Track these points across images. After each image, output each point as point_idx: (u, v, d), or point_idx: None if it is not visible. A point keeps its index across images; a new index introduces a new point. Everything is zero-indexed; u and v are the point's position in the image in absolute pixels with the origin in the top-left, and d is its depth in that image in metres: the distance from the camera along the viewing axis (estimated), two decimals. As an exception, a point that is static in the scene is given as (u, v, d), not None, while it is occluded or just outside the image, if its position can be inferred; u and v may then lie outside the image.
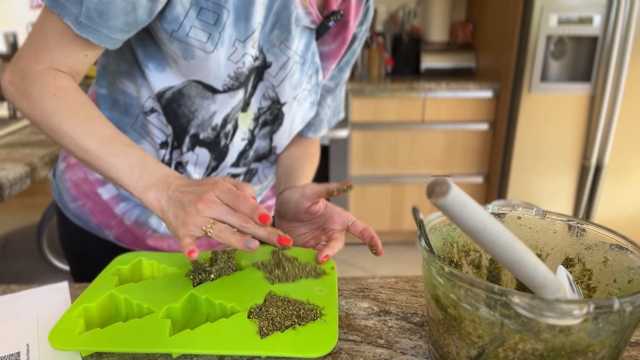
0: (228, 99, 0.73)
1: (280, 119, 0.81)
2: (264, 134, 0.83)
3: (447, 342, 0.44)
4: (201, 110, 0.74)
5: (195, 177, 0.80)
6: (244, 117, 0.78)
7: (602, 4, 2.22)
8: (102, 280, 0.60)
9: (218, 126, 0.76)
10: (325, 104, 0.92)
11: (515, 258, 0.38)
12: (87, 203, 0.85)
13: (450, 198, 0.35)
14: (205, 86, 0.71)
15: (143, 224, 0.84)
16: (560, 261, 0.51)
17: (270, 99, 0.78)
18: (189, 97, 0.73)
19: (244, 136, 0.80)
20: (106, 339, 0.49)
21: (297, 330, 0.50)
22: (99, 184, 0.83)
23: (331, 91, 0.91)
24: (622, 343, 0.39)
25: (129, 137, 0.78)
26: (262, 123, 0.81)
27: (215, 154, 0.79)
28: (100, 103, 0.78)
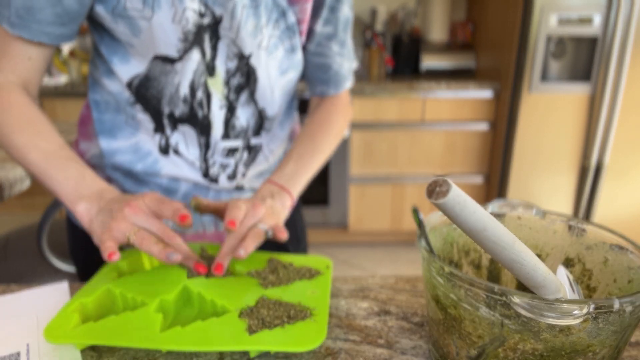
0: (186, 64, 0.72)
1: (253, 74, 0.77)
2: (246, 100, 0.80)
3: (447, 342, 0.44)
4: (167, 86, 0.74)
5: (192, 159, 0.80)
6: (214, 82, 0.76)
7: (602, 4, 2.22)
8: (101, 276, 0.62)
9: (188, 97, 0.75)
10: (331, 53, 0.86)
11: (515, 258, 0.38)
12: None
13: (450, 198, 0.35)
14: (163, 59, 0.71)
15: None
16: (560, 261, 0.51)
17: (236, 56, 0.75)
18: (154, 79, 0.73)
19: (221, 104, 0.78)
20: (99, 332, 0.50)
21: (286, 329, 0.50)
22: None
23: (332, 37, 0.84)
24: (622, 343, 0.39)
25: (126, 132, 0.79)
26: (237, 87, 0.78)
27: (199, 128, 0.78)
28: (94, 108, 0.80)
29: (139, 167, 0.80)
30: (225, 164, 0.83)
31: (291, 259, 0.66)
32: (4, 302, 0.61)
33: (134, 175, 0.82)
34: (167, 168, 0.80)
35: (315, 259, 0.66)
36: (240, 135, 0.82)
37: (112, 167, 0.82)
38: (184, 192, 0.83)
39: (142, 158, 0.80)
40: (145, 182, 0.82)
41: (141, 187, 0.82)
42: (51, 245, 1.31)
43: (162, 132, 0.79)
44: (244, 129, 0.82)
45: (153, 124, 0.78)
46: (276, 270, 0.62)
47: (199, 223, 0.86)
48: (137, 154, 0.80)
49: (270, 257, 0.65)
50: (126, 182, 0.83)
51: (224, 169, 0.83)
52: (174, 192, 0.83)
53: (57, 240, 1.53)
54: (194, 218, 0.85)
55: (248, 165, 0.86)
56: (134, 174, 0.81)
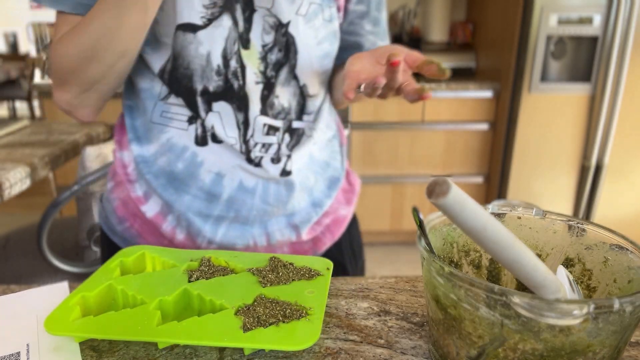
0: (215, 31, 0.69)
1: (293, 46, 0.73)
2: (286, 77, 0.75)
3: (447, 342, 0.44)
4: (194, 60, 0.71)
5: (231, 142, 0.75)
6: (248, 55, 0.72)
7: (602, 4, 2.22)
8: (104, 272, 0.62)
9: (221, 67, 0.71)
10: (363, 31, 0.84)
11: (516, 258, 0.38)
12: (134, 224, 0.82)
13: (450, 198, 0.35)
14: (185, 29, 0.69)
15: (196, 235, 0.80)
16: (560, 261, 0.51)
17: (273, 27, 0.71)
18: (179, 55, 0.71)
19: (257, 79, 0.73)
20: (98, 326, 0.51)
21: (280, 327, 0.50)
22: (141, 202, 0.81)
23: (365, 15, 0.83)
24: (622, 343, 0.39)
25: (155, 131, 0.77)
26: (276, 63, 0.74)
27: (235, 102, 0.74)
28: (127, 114, 0.80)
29: (180, 167, 0.77)
30: (267, 145, 0.77)
31: (292, 259, 0.66)
32: (4, 302, 0.61)
33: (176, 178, 0.78)
34: (208, 160, 0.76)
35: (316, 259, 0.66)
36: (280, 115, 0.77)
37: (154, 175, 0.79)
38: (228, 197, 0.78)
39: (179, 155, 0.76)
40: (186, 185, 0.78)
41: (182, 195, 0.78)
42: (51, 245, 1.31)
43: (196, 119, 0.74)
44: (286, 109, 0.77)
45: (186, 112, 0.75)
46: (276, 269, 0.63)
47: (249, 236, 0.81)
48: (173, 152, 0.76)
49: (272, 256, 0.66)
50: (167, 191, 0.79)
51: (266, 150, 0.77)
52: (217, 196, 0.78)
53: (57, 240, 1.53)
54: (243, 230, 0.81)
55: (292, 148, 0.80)
56: (176, 175, 0.77)
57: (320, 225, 0.88)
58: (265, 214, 0.80)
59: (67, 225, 1.64)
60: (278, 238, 0.83)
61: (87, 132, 1.72)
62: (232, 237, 0.80)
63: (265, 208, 0.80)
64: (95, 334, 0.50)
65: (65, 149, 1.53)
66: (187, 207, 0.78)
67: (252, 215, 0.80)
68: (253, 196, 0.78)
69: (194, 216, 0.79)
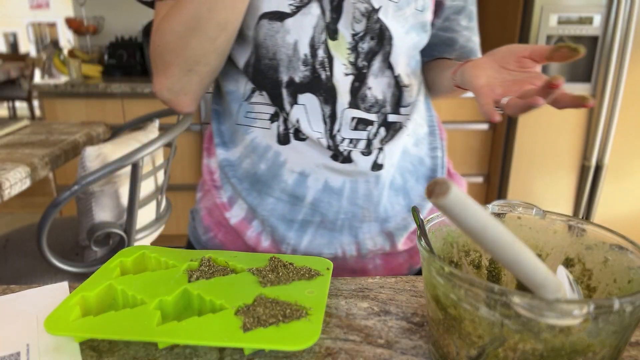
0: (303, 19, 0.67)
1: (387, 32, 0.70)
2: (379, 67, 0.71)
3: (447, 342, 0.44)
4: (281, 49, 0.68)
5: (317, 136, 0.71)
6: (336, 46, 0.69)
7: (602, 4, 2.22)
8: (104, 272, 0.62)
9: (309, 57, 0.68)
10: (459, 27, 0.80)
11: (516, 258, 0.38)
12: (218, 234, 0.81)
13: (450, 198, 0.35)
14: (271, 18, 0.67)
15: (280, 242, 0.77)
16: (560, 261, 0.51)
17: (364, 14, 0.68)
18: (261, 45, 0.69)
19: (346, 70, 0.70)
20: (98, 326, 0.51)
21: (280, 327, 0.51)
22: (225, 208, 0.80)
23: (462, 10, 0.80)
24: (622, 343, 0.39)
25: (239, 133, 0.76)
26: (368, 52, 0.70)
27: (323, 94, 0.70)
28: (214, 119, 0.80)
29: (263, 168, 0.75)
30: (357, 139, 0.72)
31: (292, 259, 0.66)
32: (4, 302, 0.61)
33: (260, 181, 0.76)
34: (291, 158, 0.73)
35: (316, 260, 0.67)
36: (373, 108, 0.72)
37: (239, 179, 0.78)
38: (312, 199, 0.74)
39: (262, 155, 0.74)
40: (269, 187, 0.76)
41: (265, 198, 0.76)
42: (51, 245, 1.31)
43: (278, 116, 0.72)
44: (380, 102, 0.73)
45: (269, 110, 0.73)
46: (276, 269, 0.63)
47: (337, 244, 0.77)
48: (256, 152, 0.75)
49: (272, 256, 0.66)
50: (251, 194, 0.77)
51: (354, 145, 0.72)
52: (301, 199, 0.75)
53: (57, 240, 1.53)
54: (331, 237, 0.77)
55: (385, 142, 0.75)
56: (259, 177, 0.76)
57: None
58: (355, 218, 0.76)
59: (67, 225, 1.64)
60: (370, 247, 0.78)
61: (87, 132, 1.72)
62: (318, 245, 0.76)
63: (354, 210, 0.75)
64: (95, 334, 0.50)
65: (65, 149, 1.53)
66: (271, 212, 0.76)
67: (339, 219, 0.75)
68: (340, 197, 0.74)
69: (278, 221, 0.76)
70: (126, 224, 1.41)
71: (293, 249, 0.77)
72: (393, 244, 0.79)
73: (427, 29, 0.76)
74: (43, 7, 6.99)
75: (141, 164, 1.34)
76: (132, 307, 0.56)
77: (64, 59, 2.87)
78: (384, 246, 0.79)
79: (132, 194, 1.37)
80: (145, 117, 1.80)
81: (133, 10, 3.32)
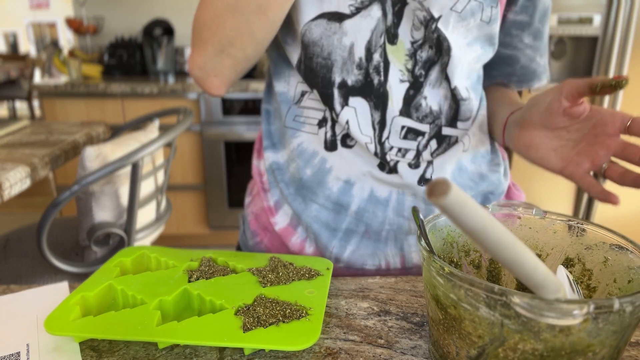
0: (362, 22, 0.65)
1: (445, 42, 0.66)
2: (437, 78, 0.69)
3: (447, 342, 0.44)
4: (336, 50, 0.67)
5: (365, 141, 0.69)
6: (394, 51, 0.67)
7: (602, 4, 2.22)
8: (104, 272, 0.63)
9: (363, 60, 0.66)
10: (522, 45, 0.75)
11: (515, 258, 0.38)
12: (264, 239, 0.81)
13: (450, 198, 0.35)
14: (330, 18, 0.65)
15: (323, 250, 0.76)
16: (560, 261, 0.51)
17: (422, 22, 0.65)
18: (316, 43, 0.67)
19: (402, 77, 0.67)
20: (98, 326, 0.51)
21: (280, 327, 0.51)
22: (272, 213, 0.79)
23: (527, 27, 0.74)
24: (622, 343, 0.39)
25: (288, 135, 0.75)
26: (426, 61, 0.68)
27: (374, 100, 0.68)
28: (265, 120, 0.79)
29: (308, 173, 0.74)
30: (405, 149, 0.70)
31: (292, 259, 0.66)
32: (4, 302, 0.61)
33: (304, 186, 0.75)
34: (337, 166, 0.72)
35: (316, 259, 0.67)
36: (427, 119, 0.70)
37: (286, 183, 0.77)
38: (357, 208, 0.73)
39: (308, 161, 0.73)
40: (314, 194, 0.74)
41: (310, 204, 0.75)
42: (51, 245, 1.31)
43: (327, 120, 0.71)
44: (435, 113, 0.70)
45: (318, 115, 0.72)
46: (276, 269, 0.63)
47: (382, 255, 0.75)
48: (302, 157, 0.74)
49: (272, 256, 0.66)
50: (296, 200, 0.76)
51: (402, 155, 0.70)
52: (346, 207, 0.73)
53: (57, 240, 1.53)
54: (375, 248, 0.75)
55: (436, 155, 0.72)
56: (304, 183, 0.74)
57: None
58: (401, 230, 0.73)
59: (67, 225, 1.64)
60: (415, 261, 0.75)
61: (87, 132, 1.72)
62: (361, 255, 0.75)
63: (399, 222, 0.73)
64: (95, 334, 0.50)
65: (65, 149, 1.53)
66: (314, 219, 0.75)
67: (384, 230, 0.73)
68: (386, 208, 0.72)
69: (321, 228, 0.75)
70: (126, 224, 1.41)
71: (336, 257, 0.75)
72: None
73: (494, 42, 0.71)
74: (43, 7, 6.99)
75: (141, 164, 1.34)
76: (132, 307, 0.56)
77: (64, 59, 2.87)
78: None
79: (132, 194, 1.37)
80: (145, 117, 1.80)
81: (133, 10, 3.32)
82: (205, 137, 2.75)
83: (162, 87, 2.64)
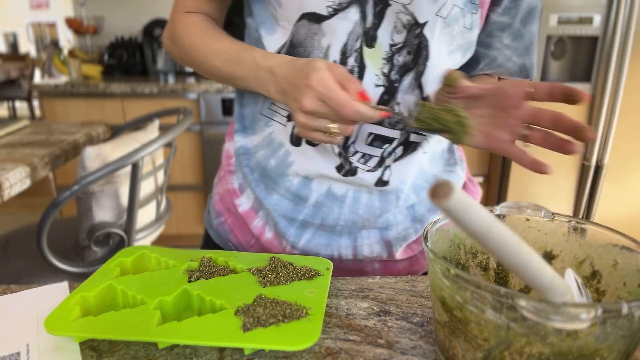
0: (339, 24, 0.64)
1: (425, 50, 0.65)
2: (410, 84, 0.67)
3: (453, 344, 0.44)
4: (315, 51, 0.66)
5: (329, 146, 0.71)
6: (372, 54, 0.65)
7: (602, 4, 2.22)
8: (104, 272, 0.63)
9: (337, 63, 0.65)
10: (500, 45, 0.74)
11: (521, 261, 0.38)
12: (228, 219, 0.82)
13: (453, 200, 0.34)
14: (310, 19, 0.65)
15: (281, 237, 0.78)
16: (569, 264, 0.51)
17: (406, 26, 0.64)
18: (299, 44, 0.67)
19: (378, 81, 0.66)
20: (98, 326, 0.51)
21: (280, 327, 0.50)
22: (236, 195, 0.80)
23: (507, 28, 0.73)
24: (631, 348, 0.38)
25: (261, 123, 0.76)
26: (402, 66, 0.66)
27: None
28: (238, 102, 0.80)
29: (272, 163, 0.75)
30: (369, 155, 0.71)
31: (292, 259, 0.66)
32: (4, 302, 0.61)
33: (268, 175, 0.76)
34: (298, 161, 0.73)
35: (316, 260, 0.66)
36: (399, 125, 0.70)
37: (251, 168, 0.78)
38: (315, 202, 0.74)
39: (275, 151, 0.74)
40: (275, 184, 0.76)
41: (271, 193, 0.76)
42: (51, 245, 1.30)
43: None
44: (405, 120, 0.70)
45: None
46: (276, 269, 0.63)
47: (335, 246, 0.77)
48: (270, 147, 0.75)
49: (272, 256, 0.66)
50: (258, 186, 0.78)
51: (365, 161, 0.71)
52: (304, 200, 0.75)
53: (57, 240, 1.53)
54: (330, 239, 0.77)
55: (397, 160, 0.73)
56: (268, 172, 0.76)
57: (419, 244, 0.81)
58: (355, 225, 0.76)
59: (67, 225, 1.63)
60: (366, 253, 0.78)
61: (87, 132, 1.72)
62: (316, 244, 0.77)
63: (354, 219, 0.75)
64: (95, 334, 0.50)
65: (65, 149, 1.53)
66: (274, 207, 0.77)
67: (339, 225, 0.75)
68: (342, 204, 0.74)
69: (280, 217, 0.77)
70: (126, 224, 1.41)
71: (292, 245, 0.77)
72: (390, 252, 0.78)
73: (472, 50, 0.72)
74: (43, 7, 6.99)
75: (141, 164, 1.33)
76: (132, 307, 0.56)
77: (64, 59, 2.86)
78: (381, 254, 0.78)
79: (132, 194, 1.36)
80: (145, 117, 1.80)
81: (133, 10, 3.32)
82: (205, 137, 2.74)
83: (162, 87, 2.64)
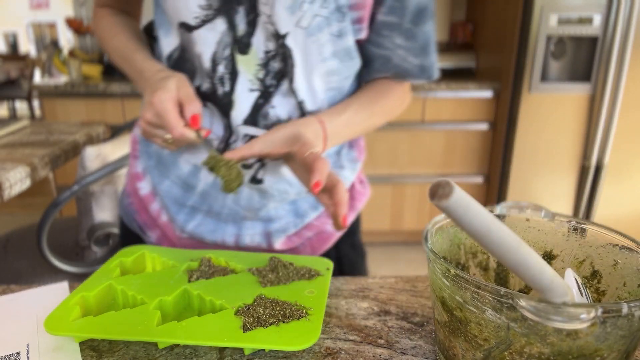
0: (207, 34, 0.67)
1: (290, 59, 0.68)
2: (286, 89, 0.70)
3: (453, 344, 0.44)
4: (193, 58, 0.70)
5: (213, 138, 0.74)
6: (246, 60, 0.68)
7: (602, 4, 2.22)
8: (104, 272, 0.63)
9: (210, 71, 0.69)
10: (392, 45, 0.75)
11: (521, 261, 0.38)
12: (134, 200, 0.86)
13: (453, 200, 0.34)
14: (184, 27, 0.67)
15: (173, 221, 0.81)
16: (569, 264, 0.51)
17: (273, 36, 0.67)
18: (185, 50, 0.71)
19: (252, 86, 0.69)
20: (98, 326, 0.51)
21: (280, 327, 0.51)
22: (139, 178, 0.84)
23: (396, 27, 0.73)
24: (631, 348, 0.38)
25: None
26: (277, 72, 0.69)
27: (219, 106, 0.71)
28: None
29: (166, 151, 0.78)
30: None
31: (292, 259, 0.66)
32: (4, 302, 0.61)
33: (162, 162, 0.80)
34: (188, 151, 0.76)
35: (316, 260, 0.66)
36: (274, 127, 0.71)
37: (149, 155, 0.82)
38: (202, 191, 0.78)
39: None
40: (168, 170, 0.79)
41: (163, 179, 0.80)
42: (51, 245, 1.30)
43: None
44: (283, 122, 0.72)
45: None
46: (276, 269, 0.63)
47: (221, 232, 0.80)
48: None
49: (272, 256, 0.66)
50: (153, 172, 0.82)
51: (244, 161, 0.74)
52: (193, 187, 0.78)
53: (57, 240, 1.52)
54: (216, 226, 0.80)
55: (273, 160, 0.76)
56: (161, 159, 0.80)
57: (300, 237, 0.83)
58: (238, 215, 0.79)
59: (67, 225, 1.63)
60: (247, 243, 0.81)
61: (87, 132, 1.72)
62: (203, 230, 0.80)
63: (236, 209, 0.78)
64: (95, 334, 0.50)
65: (65, 149, 1.53)
66: (166, 193, 0.81)
67: (224, 213, 0.79)
68: (225, 195, 0.77)
69: (171, 202, 0.81)
70: (126, 224, 1.41)
71: (181, 229, 0.81)
72: (270, 244, 0.81)
73: (353, 56, 0.73)
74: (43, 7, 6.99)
75: (141, 164, 1.33)
76: (132, 307, 0.56)
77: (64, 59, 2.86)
78: (261, 244, 0.81)
79: (132, 194, 1.36)
80: (145, 116, 1.79)
81: (133, 9, 3.31)
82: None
83: (162, 86, 2.63)
